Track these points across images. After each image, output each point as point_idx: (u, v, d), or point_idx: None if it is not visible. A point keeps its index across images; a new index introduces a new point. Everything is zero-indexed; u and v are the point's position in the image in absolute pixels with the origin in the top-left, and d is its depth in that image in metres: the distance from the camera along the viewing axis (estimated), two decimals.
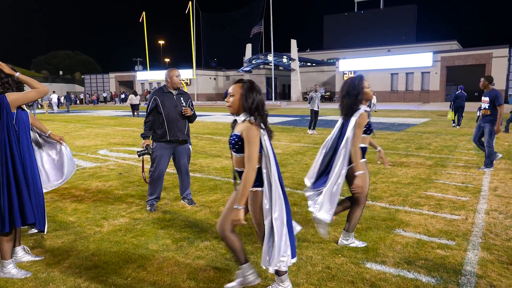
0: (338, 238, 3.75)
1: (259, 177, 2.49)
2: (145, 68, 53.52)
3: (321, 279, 2.96)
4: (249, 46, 47.60)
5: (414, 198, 5.12)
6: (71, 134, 13.49)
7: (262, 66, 48.84)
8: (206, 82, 52.14)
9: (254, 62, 46.06)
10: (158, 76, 47.50)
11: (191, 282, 2.93)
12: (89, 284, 2.93)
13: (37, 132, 3.63)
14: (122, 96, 48.53)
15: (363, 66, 39.50)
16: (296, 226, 2.69)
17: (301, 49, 51.86)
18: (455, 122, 14.97)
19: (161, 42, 63.36)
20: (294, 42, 43.50)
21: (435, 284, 2.88)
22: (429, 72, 35.98)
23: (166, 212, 4.64)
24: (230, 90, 2.56)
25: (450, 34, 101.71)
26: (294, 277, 2.99)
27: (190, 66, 43.19)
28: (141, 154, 4.58)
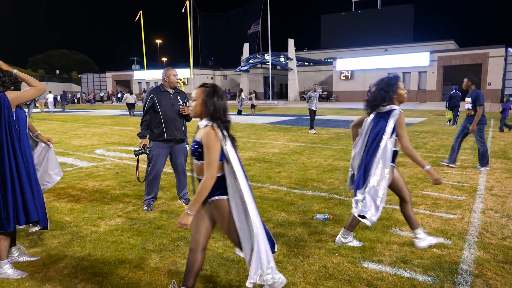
0: (335, 237, 3.75)
1: (223, 185, 2.41)
2: (142, 67, 53.36)
3: (318, 279, 2.96)
4: (246, 46, 47.56)
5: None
6: (68, 134, 13.44)
7: (259, 66, 48.82)
8: (204, 81, 51.76)
9: (251, 61, 46.01)
10: (155, 75, 47.37)
11: None
12: (85, 284, 2.92)
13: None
14: (119, 95, 48.43)
15: (361, 65, 39.54)
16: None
17: (298, 48, 51.83)
18: (451, 121, 15.16)
19: (158, 41, 63.27)
20: (291, 42, 43.50)
21: (432, 283, 2.89)
22: (426, 71, 36.06)
23: (163, 211, 4.64)
24: (193, 94, 2.46)
25: (447, 34, 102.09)
26: (291, 276, 2.99)
27: (187, 66, 43.10)
28: (138, 154, 4.57)
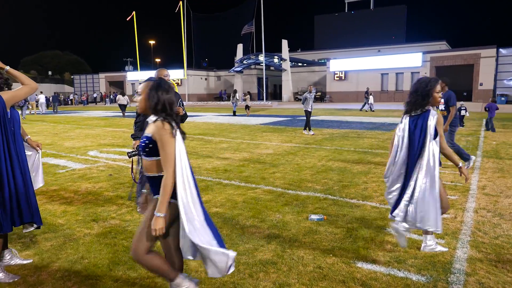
0: (330, 238, 3.76)
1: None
2: (135, 68, 53.14)
3: (312, 279, 2.97)
4: (240, 46, 47.57)
5: None
6: (60, 135, 13.34)
7: (253, 66, 48.85)
8: (197, 82, 51.97)
9: (245, 62, 46.05)
10: (148, 76, 47.07)
11: None
12: (78, 287, 2.90)
13: None
14: (111, 96, 48.17)
15: (354, 66, 39.73)
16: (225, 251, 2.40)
17: (292, 49, 51.94)
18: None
19: (151, 42, 63.02)
20: (285, 42, 43.60)
21: (425, 282, 2.91)
22: (418, 72, 36.30)
23: None
24: (138, 89, 2.41)
25: (439, 35, 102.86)
26: (285, 277, 3.00)
27: (181, 66, 42.99)
28: (131, 155, 4.53)
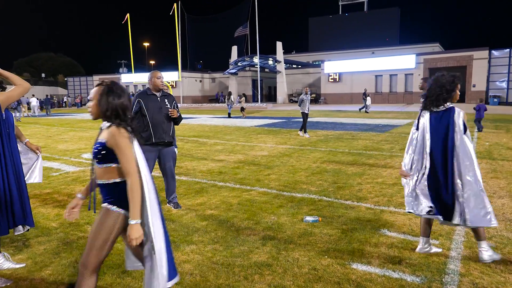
0: (325, 239, 3.77)
1: (115, 192, 2.23)
2: (130, 70, 52.97)
3: (307, 281, 2.97)
4: (234, 48, 47.58)
5: (398, 198, 5.18)
6: (54, 138, 13.24)
7: (248, 68, 48.85)
8: (192, 84, 51.89)
9: (240, 64, 46.05)
10: (143, 78, 46.97)
11: (177, 287, 2.90)
12: None
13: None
14: None
15: (348, 68, 39.88)
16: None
17: (286, 51, 52.10)
18: None
19: (146, 44, 62.87)
20: (279, 44, 43.68)
21: (420, 283, 2.92)
22: (412, 73, 36.55)
23: None
24: (90, 94, 2.28)
25: (432, 37, 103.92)
26: (280, 279, 2.99)
27: (176, 68, 42.88)
28: None
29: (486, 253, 3.21)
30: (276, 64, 44.14)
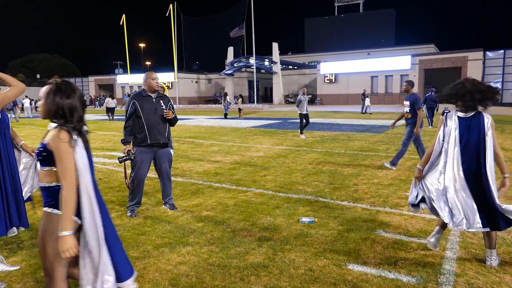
0: (321, 240, 3.77)
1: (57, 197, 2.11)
2: (125, 71, 52.80)
3: (303, 282, 2.96)
4: (231, 49, 47.61)
5: (394, 199, 5.20)
6: None
7: (244, 69, 48.87)
8: (188, 85, 51.84)
9: (236, 65, 46.06)
10: (139, 79, 46.90)
11: None
12: None
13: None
14: (101, 99, 47.83)
15: (344, 69, 40.02)
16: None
17: (282, 52, 52.13)
18: (429, 122, 16.10)
19: (142, 45, 62.76)
20: (275, 45, 43.74)
21: (415, 283, 2.92)
22: (407, 74, 36.74)
23: (147, 217, 4.58)
24: (40, 93, 2.22)
25: (427, 38, 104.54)
26: (277, 280, 2.99)
27: (172, 69, 42.86)
28: (122, 160, 4.48)
29: (495, 261, 3.20)
30: (272, 65, 44.20)
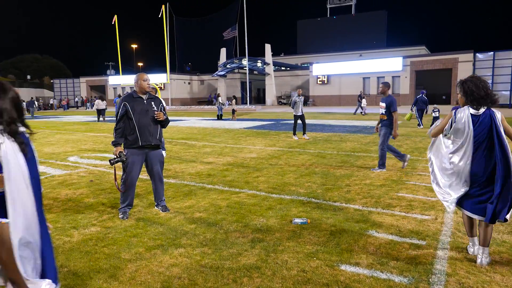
0: (313, 241, 3.77)
1: (2, 204, 1.99)
2: (117, 72, 52.47)
3: (296, 283, 2.96)
4: (223, 51, 47.59)
5: (386, 199, 5.23)
6: (40, 141, 13.03)
7: (236, 71, 48.89)
8: (181, 86, 51.69)
9: (228, 66, 46.06)
10: (131, 80, 46.43)
11: None
12: None
13: None
14: (92, 100, 47.52)
15: (336, 70, 40.22)
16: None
17: (275, 53, 52.28)
18: (419, 123, 16.48)
19: (134, 46, 62.41)
20: (268, 47, 43.82)
21: (407, 283, 2.94)
22: (399, 76, 37.06)
23: (139, 219, 4.54)
24: None
25: (418, 40, 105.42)
26: (269, 281, 2.99)
27: (164, 71, 42.69)
28: (114, 162, 4.44)
29: (486, 260, 3.24)
30: (264, 66, 44.26)
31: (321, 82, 41.29)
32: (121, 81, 47.35)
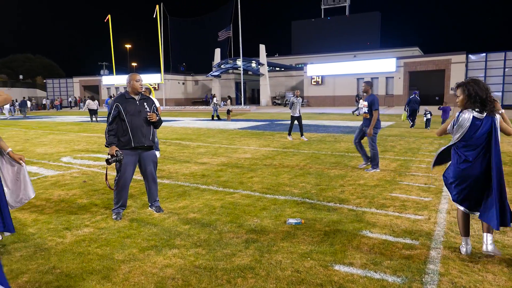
0: (307, 241, 3.78)
1: None
2: (111, 72, 52.18)
3: (290, 283, 2.97)
4: (218, 51, 47.53)
5: (380, 199, 5.25)
6: (32, 141, 12.92)
7: (231, 71, 48.83)
8: (175, 86, 51.52)
9: (223, 66, 46.00)
10: (124, 80, 46.35)
11: None
12: None
13: None
14: (85, 100, 47.23)
15: (331, 71, 40.32)
16: None
17: (269, 54, 52.24)
18: (411, 123, 16.52)
19: (127, 46, 62.12)
20: (262, 47, 43.83)
21: (401, 283, 2.95)
22: (393, 77, 37.25)
23: (133, 220, 4.52)
24: None
25: (412, 41, 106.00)
26: (263, 282, 2.98)
27: (158, 71, 42.56)
28: (112, 162, 4.39)
29: (491, 246, 3.30)
30: (259, 66, 44.26)
31: (315, 83, 41.37)
32: (114, 81, 47.12)
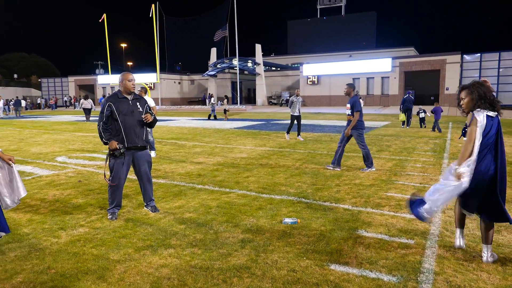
0: (303, 241, 3.78)
1: None
2: (106, 71, 51.94)
3: (286, 283, 2.97)
4: (214, 50, 47.45)
5: (375, 199, 5.27)
6: (27, 141, 12.83)
7: (227, 70, 48.78)
8: (171, 86, 51.38)
9: (219, 66, 45.94)
10: (117, 79, 46.21)
11: None
12: None
13: None
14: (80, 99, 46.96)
15: (326, 71, 40.39)
16: None
17: (265, 53, 52.21)
18: (405, 123, 16.46)
19: (123, 45, 61.86)
20: (258, 47, 43.81)
21: (396, 282, 2.97)
22: (388, 77, 37.38)
23: (129, 220, 4.50)
24: None
25: (407, 41, 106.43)
26: (259, 281, 2.98)
27: (154, 70, 42.39)
28: (119, 154, 4.37)
29: (491, 258, 3.32)
30: (255, 66, 44.25)
31: (311, 83, 41.42)
32: (110, 80, 46.83)
